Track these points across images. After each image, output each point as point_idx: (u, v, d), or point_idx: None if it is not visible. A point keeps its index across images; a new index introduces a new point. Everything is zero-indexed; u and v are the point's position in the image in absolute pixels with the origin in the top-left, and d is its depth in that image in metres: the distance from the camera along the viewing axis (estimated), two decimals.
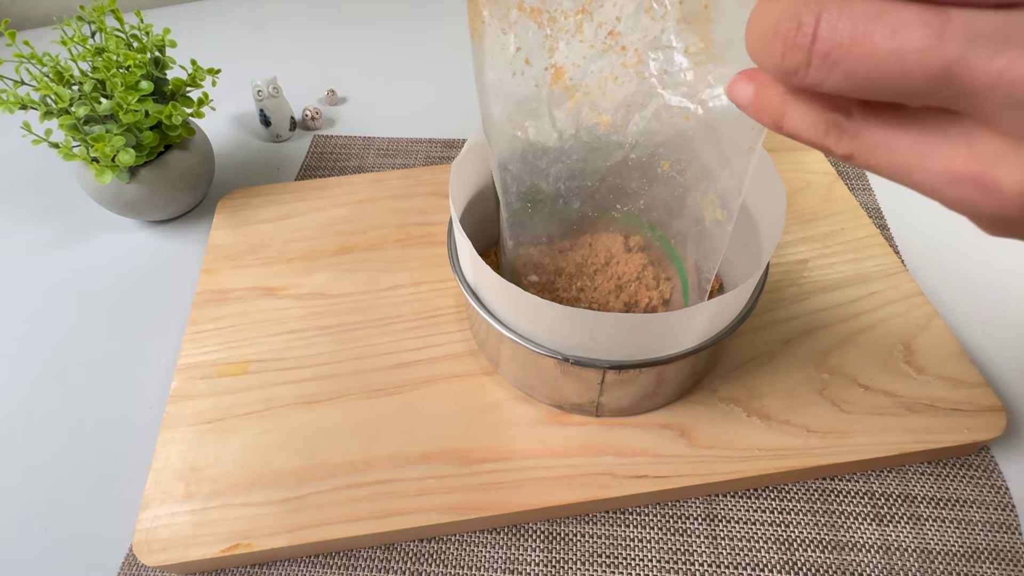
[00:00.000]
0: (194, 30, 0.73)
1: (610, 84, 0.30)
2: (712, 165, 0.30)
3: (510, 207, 0.34)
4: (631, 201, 0.36)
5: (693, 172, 0.31)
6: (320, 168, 0.56)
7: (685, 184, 0.32)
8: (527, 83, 0.29)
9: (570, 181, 0.35)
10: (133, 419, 0.40)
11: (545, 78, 0.29)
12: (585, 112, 0.31)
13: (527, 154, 0.33)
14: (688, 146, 0.31)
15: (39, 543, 0.35)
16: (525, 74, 0.29)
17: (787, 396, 0.38)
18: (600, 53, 0.29)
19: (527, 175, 0.33)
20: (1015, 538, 0.34)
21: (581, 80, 0.30)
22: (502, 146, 0.32)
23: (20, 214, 0.54)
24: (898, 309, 0.42)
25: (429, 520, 0.33)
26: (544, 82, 0.30)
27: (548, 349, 0.32)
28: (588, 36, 0.28)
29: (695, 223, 0.33)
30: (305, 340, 0.41)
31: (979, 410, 0.36)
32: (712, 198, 0.31)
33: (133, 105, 0.43)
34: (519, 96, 0.30)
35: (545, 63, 0.29)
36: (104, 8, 0.47)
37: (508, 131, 0.32)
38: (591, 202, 0.36)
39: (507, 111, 0.31)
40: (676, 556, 0.34)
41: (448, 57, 0.68)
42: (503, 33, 0.28)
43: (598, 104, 0.31)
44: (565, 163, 0.34)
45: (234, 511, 0.34)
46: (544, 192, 0.35)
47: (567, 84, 0.30)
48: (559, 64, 0.29)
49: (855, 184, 0.52)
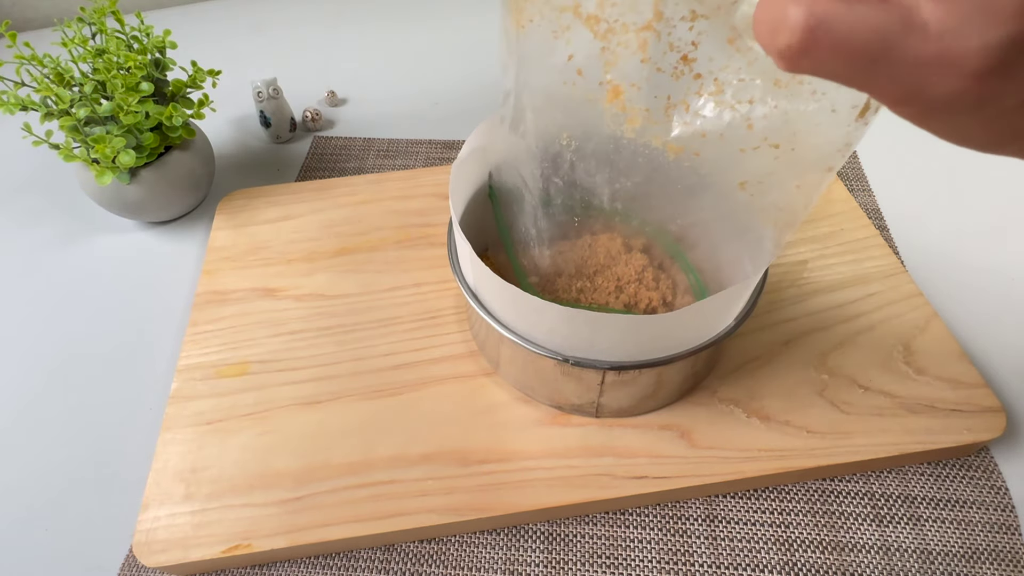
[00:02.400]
0: (194, 31, 0.73)
1: (681, 112, 0.27)
2: (787, 187, 0.28)
3: (534, 209, 0.33)
4: (678, 217, 0.34)
5: (764, 194, 0.29)
6: (320, 169, 0.57)
7: (751, 204, 0.30)
8: (578, 94, 0.27)
9: (625, 202, 0.33)
10: (133, 420, 0.40)
11: (600, 94, 0.27)
12: (647, 136, 0.29)
13: (576, 164, 0.31)
14: (767, 171, 0.28)
15: (39, 544, 0.35)
16: (577, 85, 0.27)
17: (787, 397, 0.38)
18: (669, 79, 0.26)
19: (563, 182, 0.31)
20: (1015, 539, 0.34)
21: (641, 103, 0.27)
22: (543, 156, 0.30)
23: (21, 215, 0.54)
24: (898, 310, 0.42)
25: (429, 521, 0.33)
26: (599, 98, 0.27)
27: (548, 350, 0.32)
28: (654, 57, 0.26)
29: (755, 242, 0.31)
30: (305, 341, 0.42)
31: (979, 411, 0.36)
32: (778, 217, 0.29)
33: (133, 106, 0.43)
34: (571, 108, 0.28)
35: (600, 78, 0.27)
36: (105, 9, 0.47)
37: (555, 138, 0.29)
38: (631, 217, 0.35)
39: (556, 121, 0.29)
40: (676, 557, 0.34)
41: (448, 58, 0.68)
42: (554, 37, 0.25)
43: (663, 130, 0.28)
44: (621, 183, 0.32)
45: (234, 512, 0.34)
46: (593, 206, 0.33)
47: (625, 105, 0.27)
48: (616, 82, 0.27)
49: (854, 185, 0.52)
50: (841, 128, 0.24)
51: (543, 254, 0.36)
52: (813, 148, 0.26)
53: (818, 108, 0.24)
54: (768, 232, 0.30)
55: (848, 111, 0.24)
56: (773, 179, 0.28)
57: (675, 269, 0.39)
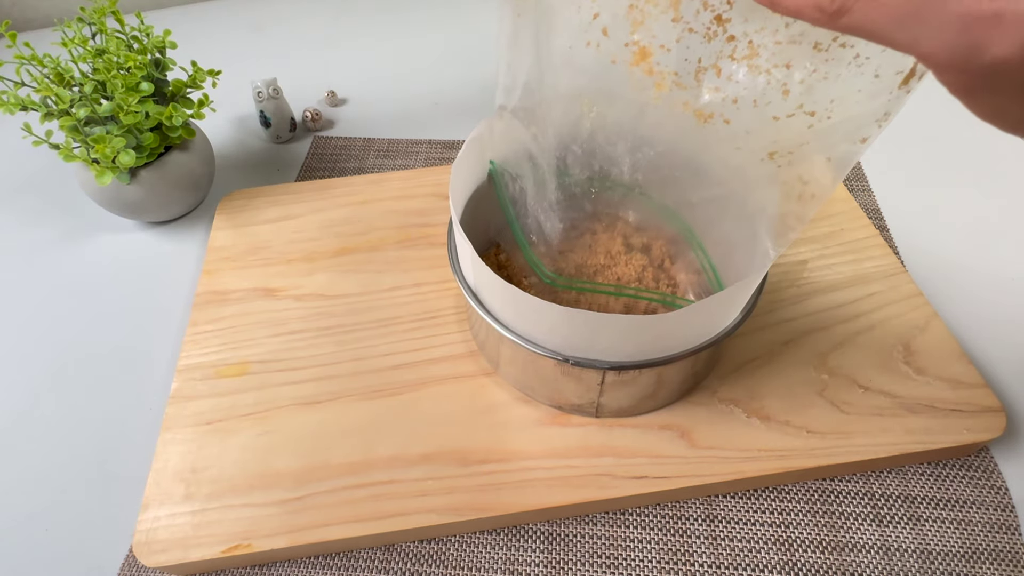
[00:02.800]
0: (194, 32, 0.73)
1: (711, 76, 0.25)
2: (817, 159, 0.27)
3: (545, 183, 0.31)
4: (701, 190, 0.32)
5: (793, 165, 0.28)
6: (320, 169, 0.57)
7: (777, 177, 0.29)
8: (603, 57, 0.25)
9: (646, 173, 0.31)
10: (133, 420, 0.40)
11: (625, 56, 0.26)
12: (674, 103, 0.27)
13: (596, 135, 0.29)
14: (799, 141, 0.27)
15: (39, 544, 0.35)
16: (601, 47, 0.25)
17: (787, 397, 0.38)
18: (701, 40, 0.25)
19: (586, 157, 0.29)
20: (1015, 539, 0.34)
21: (669, 67, 0.26)
22: (560, 123, 0.29)
23: (21, 215, 0.54)
24: (898, 310, 0.42)
25: (429, 521, 0.33)
26: (623, 60, 0.26)
27: (548, 350, 0.32)
28: (686, 16, 0.24)
29: (776, 220, 0.30)
30: (305, 341, 0.42)
31: (978, 411, 0.37)
32: (803, 191, 0.28)
33: (133, 106, 0.43)
34: (593, 70, 0.26)
35: (627, 39, 0.25)
36: (105, 9, 0.47)
37: (575, 108, 0.28)
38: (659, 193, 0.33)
39: (577, 85, 0.27)
40: (676, 557, 0.34)
41: (448, 58, 0.68)
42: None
43: (693, 96, 0.26)
44: (644, 152, 0.30)
45: (234, 512, 0.34)
46: (612, 177, 0.31)
47: (652, 68, 0.26)
48: (644, 43, 0.25)
49: (855, 185, 0.52)
50: (882, 96, 0.23)
51: (555, 230, 0.34)
52: (850, 118, 0.24)
53: (860, 73, 0.23)
54: (792, 208, 0.28)
55: (892, 77, 0.22)
56: (804, 150, 0.27)
57: (678, 267, 0.39)
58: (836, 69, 0.24)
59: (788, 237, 0.29)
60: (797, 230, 0.29)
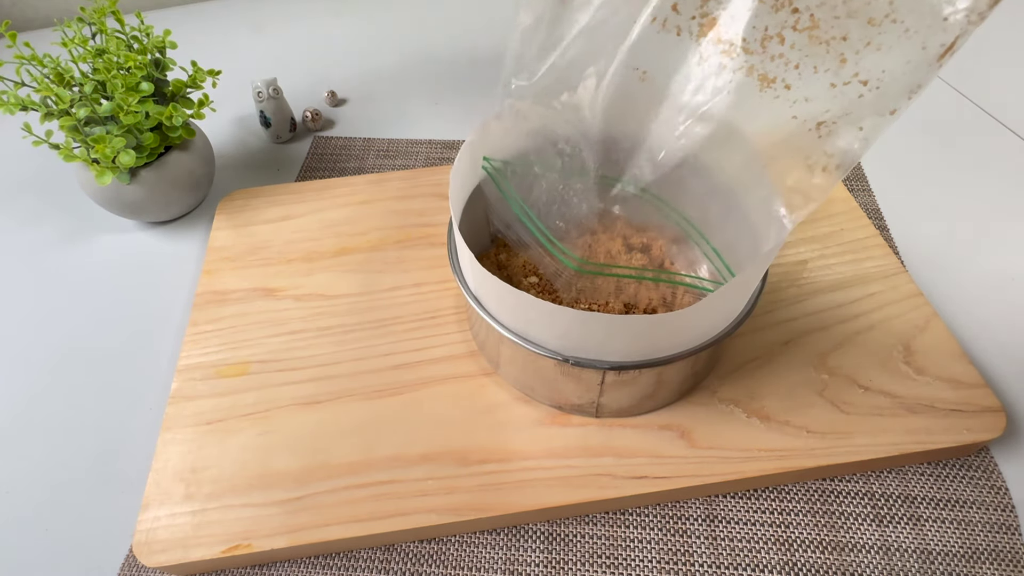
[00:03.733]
0: (195, 32, 0.73)
1: (776, 43, 0.27)
2: (851, 128, 0.28)
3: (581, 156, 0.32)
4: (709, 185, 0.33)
5: (835, 135, 0.29)
6: (320, 169, 0.57)
7: (816, 148, 0.30)
8: (666, 33, 0.27)
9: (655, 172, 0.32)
10: (133, 420, 0.40)
11: (692, 28, 0.27)
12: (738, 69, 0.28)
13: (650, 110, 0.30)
14: (846, 110, 0.28)
15: (39, 544, 0.35)
16: (668, 22, 0.26)
17: (787, 397, 0.38)
18: (769, 10, 0.26)
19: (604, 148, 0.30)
20: (1015, 539, 0.34)
21: (738, 33, 0.27)
22: (613, 98, 0.30)
23: (21, 215, 0.54)
24: (897, 310, 0.42)
25: (429, 521, 0.33)
26: (691, 32, 0.27)
27: (548, 350, 0.32)
28: None
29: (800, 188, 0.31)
30: (305, 341, 0.42)
31: (978, 411, 0.37)
32: (827, 163, 0.29)
33: (133, 106, 0.43)
34: (649, 46, 0.27)
35: (694, 12, 0.26)
36: (105, 10, 0.47)
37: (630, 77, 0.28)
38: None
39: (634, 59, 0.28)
40: (676, 557, 0.34)
41: (448, 58, 0.68)
42: None
43: (759, 60, 0.28)
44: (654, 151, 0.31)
45: (234, 512, 0.34)
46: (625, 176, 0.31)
47: (720, 37, 0.27)
48: (713, 13, 0.26)
49: (855, 185, 0.52)
50: (922, 69, 0.24)
51: (575, 216, 0.34)
52: (894, 89, 0.26)
53: (911, 46, 0.24)
54: (817, 179, 0.30)
55: (936, 50, 0.24)
56: (848, 119, 0.28)
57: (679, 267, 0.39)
58: (888, 40, 0.25)
59: (807, 209, 0.30)
60: (820, 200, 0.30)
